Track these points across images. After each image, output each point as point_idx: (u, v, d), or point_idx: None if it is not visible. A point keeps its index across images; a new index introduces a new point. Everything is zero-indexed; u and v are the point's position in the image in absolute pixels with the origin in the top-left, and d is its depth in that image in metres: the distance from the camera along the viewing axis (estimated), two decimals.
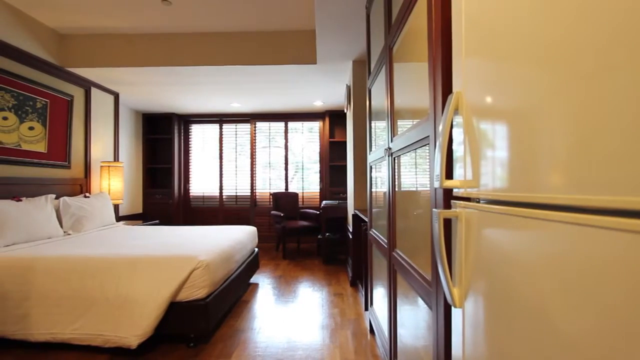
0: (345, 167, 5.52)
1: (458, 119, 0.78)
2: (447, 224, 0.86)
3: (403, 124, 1.39)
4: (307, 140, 5.73)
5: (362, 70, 3.37)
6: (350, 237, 3.41)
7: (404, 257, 1.36)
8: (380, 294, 1.95)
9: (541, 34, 0.49)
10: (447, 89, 0.90)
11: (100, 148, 4.14)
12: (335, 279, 3.58)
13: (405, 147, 1.32)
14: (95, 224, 3.37)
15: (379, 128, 1.98)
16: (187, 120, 5.79)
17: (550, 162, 0.48)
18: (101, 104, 4.15)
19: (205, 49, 3.45)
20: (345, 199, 5.32)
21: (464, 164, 0.75)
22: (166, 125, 5.63)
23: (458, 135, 0.79)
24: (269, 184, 5.74)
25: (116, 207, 4.24)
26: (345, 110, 4.14)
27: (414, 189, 1.24)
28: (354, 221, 3.24)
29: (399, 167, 1.46)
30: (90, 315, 2.02)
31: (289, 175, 5.71)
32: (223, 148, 5.80)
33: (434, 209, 0.82)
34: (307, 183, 5.73)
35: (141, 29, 3.39)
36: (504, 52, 0.60)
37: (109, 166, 4.01)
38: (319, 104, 5.08)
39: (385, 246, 1.69)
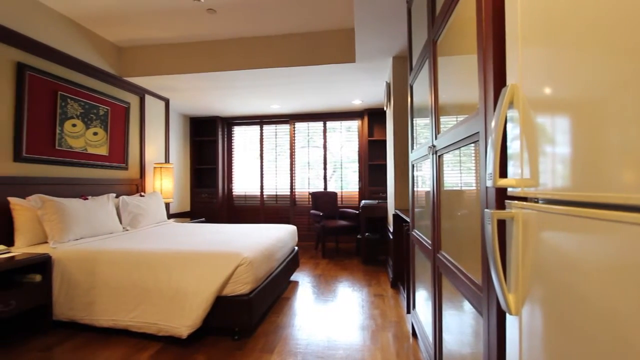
0: (384, 166, 5.42)
1: (512, 114, 0.73)
2: (500, 225, 0.81)
3: (448, 121, 1.33)
4: (346, 139, 5.71)
5: (402, 67, 3.28)
6: (391, 237, 3.34)
7: (450, 260, 1.30)
8: (423, 297, 1.89)
9: (609, 19, 0.44)
10: (500, 82, 0.85)
11: (153, 150, 4.46)
12: (376, 280, 3.53)
13: (451, 144, 1.26)
14: (150, 221, 3.64)
15: (420, 125, 1.91)
16: (229, 122, 6.05)
17: (621, 158, 0.43)
18: (154, 109, 4.47)
19: (247, 53, 3.58)
20: (385, 198, 5.22)
21: (520, 162, 0.70)
22: (211, 127, 5.93)
23: (513, 130, 0.73)
24: (307, 183, 5.81)
25: (167, 206, 4.54)
26: (385, 108, 4.06)
27: (460, 188, 1.18)
28: (394, 221, 3.17)
29: (443, 165, 1.40)
30: (146, 304, 2.18)
31: (327, 174, 5.74)
32: (263, 149, 5.97)
33: (486, 210, 0.77)
34: (346, 182, 5.71)
35: (188, 37, 3.60)
36: (567, 39, 0.55)
37: (161, 167, 4.30)
38: (357, 102, 5.04)
39: (429, 247, 1.63)
